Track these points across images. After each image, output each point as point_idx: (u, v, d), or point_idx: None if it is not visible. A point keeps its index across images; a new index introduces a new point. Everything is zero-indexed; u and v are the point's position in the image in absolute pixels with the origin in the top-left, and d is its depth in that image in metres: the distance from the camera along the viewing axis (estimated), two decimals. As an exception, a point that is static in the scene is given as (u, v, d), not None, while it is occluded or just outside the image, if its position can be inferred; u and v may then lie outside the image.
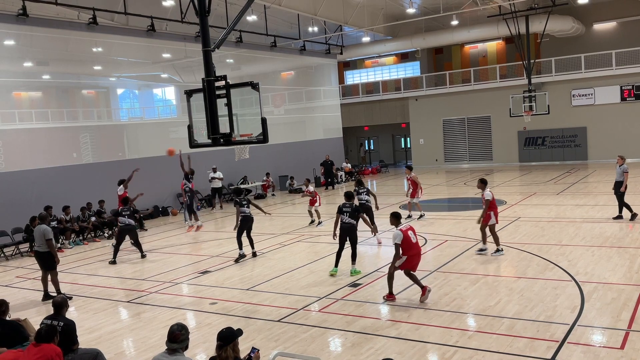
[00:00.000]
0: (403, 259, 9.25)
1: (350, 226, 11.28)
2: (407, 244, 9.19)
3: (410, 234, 9.28)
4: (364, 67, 40.13)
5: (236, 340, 5.03)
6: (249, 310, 9.61)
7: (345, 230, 11.31)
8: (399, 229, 9.24)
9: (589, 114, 30.61)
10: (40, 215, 11.92)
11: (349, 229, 11.29)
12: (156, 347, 7.92)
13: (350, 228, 11.28)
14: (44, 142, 19.52)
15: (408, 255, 9.25)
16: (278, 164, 28.62)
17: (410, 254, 9.26)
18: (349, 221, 11.28)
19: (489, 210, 12.01)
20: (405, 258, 9.27)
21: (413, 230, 9.43)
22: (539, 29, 28.94)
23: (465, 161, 34.65)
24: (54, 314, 6.82)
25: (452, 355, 7.15)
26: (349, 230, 11.29)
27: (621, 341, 7.20)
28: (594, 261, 11.09)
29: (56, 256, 11.10)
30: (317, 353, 7.49)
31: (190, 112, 9.34)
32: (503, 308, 8.74)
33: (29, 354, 5.73)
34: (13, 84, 20.04)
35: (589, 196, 19.49)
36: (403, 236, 9.13)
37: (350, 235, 11.30)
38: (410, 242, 9.21)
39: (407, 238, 9.17)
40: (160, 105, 28.24)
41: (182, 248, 15.89)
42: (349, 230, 11.29)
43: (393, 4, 29.10)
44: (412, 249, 9.28)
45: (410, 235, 9.25)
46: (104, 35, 20.85)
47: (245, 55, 27.34)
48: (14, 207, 17.59)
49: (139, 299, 10.86)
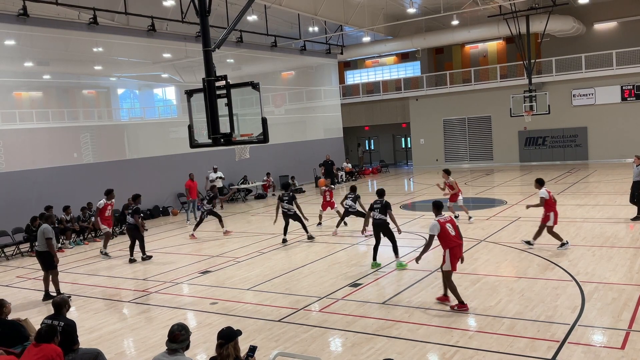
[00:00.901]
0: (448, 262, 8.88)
1: (382, 222, 11.58)
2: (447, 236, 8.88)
3: (449, 226, 8.92)
4: (365, 67, 40.12)
5: (237, 339, 5.03)
6: (249, 310, 9.61)
7: (378, 226, 11.66)
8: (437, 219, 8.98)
9: (590, 114, 30.60)
10: (44, 215, 11.96)
11: (381, 224, 11.60)
12: (156, 347, 7.92)
13: (382, 224, 11.59)
14: (45, 142, 19.52)
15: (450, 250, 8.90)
16: (278, 164, 28.62)
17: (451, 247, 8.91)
18: (379, 217, 11.59)
19: (548, 210, 11.92)
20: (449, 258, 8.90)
21: (453, 223, 9.04)
22: (540, 29, 28.91)
23: (466, 161, 34.63)
24: (55, 314, 6.82)
25: (452, 355, 7.15)
26: (381, 226, 11.61)
27: (622, 341, 7.20)
28: (595, 261, 11.08)
29: (55, 256, 11.10)
30: (318, 353, 7.48)
31: (190, 112, 9.34)
32: (503, 308, 8.74)
33: (29, 354, 5.73)
34: (14, 84, 20.05)
35: (589, 196, 19.48)
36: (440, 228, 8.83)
37: (384, 231, 11.63)
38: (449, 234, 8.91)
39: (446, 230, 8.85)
40: (161, 105, 28.24)
41: (182, 248, 15.89)
42: (382, 226, 11.61)
43: (393, 3, 29.09)
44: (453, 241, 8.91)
45: (448, 227, 8.91)
46: (104, 35, 20.86)
47: (245, 55, 27.34)
48: (15, 207, 17.61)
49: (139, 299, 10.86)
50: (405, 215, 18.32)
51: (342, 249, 14.01)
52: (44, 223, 11.38)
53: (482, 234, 14.47)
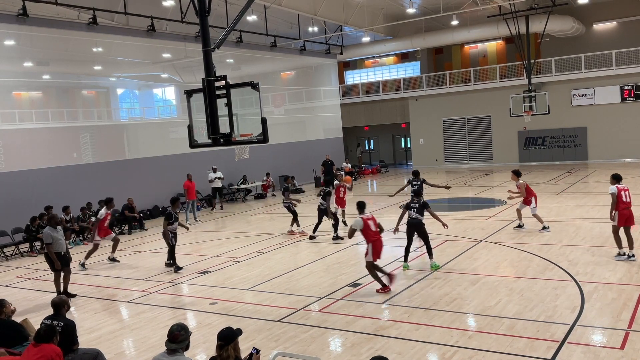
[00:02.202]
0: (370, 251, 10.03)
1: (418, 222, 11.44)
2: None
3: (371, 222, 10.09)
4: (364, 67, 40.12)
5: (237, 340, 5.03)
6: (249, 310, 9.61)
7: (413, 225, 11.48)
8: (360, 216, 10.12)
9: (589, 114, 30.60)
10: (48, 216, 11.99)
11: (417, 224, 11.44)
12: (156, 347, 7.92)
13: (418, 224, 11.44)
14: (44, 142, 19.51)
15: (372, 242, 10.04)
16: (278, 164, 28.62)
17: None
18: (416, 217, 11.45)
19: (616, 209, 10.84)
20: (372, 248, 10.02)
21: (374, 220, 10.20)
22: (539, 29, 28.92)
23: (466, 161, 34.63)
24: (54, 314, 6.82)
25: (452, 355, 7.15)
26: (416, 225, 11.44)
27: (621, 341, 7.20)
28: (594, 261, 11.08)
29: (55, 261, 11.06)
30: (317, 353, 7.48)
31: (190, 112, 9.34)
32: (503, 308, 8.74)
33: (28, 354, 5.72)
34: (13, 84, 20.05)
35: (589, 196, 19.49)
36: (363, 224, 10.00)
37: (419, 231, 11.47)
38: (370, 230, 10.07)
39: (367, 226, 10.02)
40: (160, 105, 28.24)
41: (182, 248, 15.86)
42: (417, 226, 11.45)
43: (393, 4, 29.09)
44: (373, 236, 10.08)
45: (370, 224, 10.06)
46: (104, 35, 20.85)
47: (245, 55, 27.34)
48: (14, 207, 17.60)
49: (139, 299, 10.86)
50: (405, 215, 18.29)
51: (342, 249, 14.01)
52: (47, 225, 11.44)
53: (481, 234, 14.47)
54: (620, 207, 10.83)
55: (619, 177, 11.08)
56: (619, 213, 10.84)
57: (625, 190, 10.90)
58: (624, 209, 10.85)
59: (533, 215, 14.53)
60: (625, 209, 10.86)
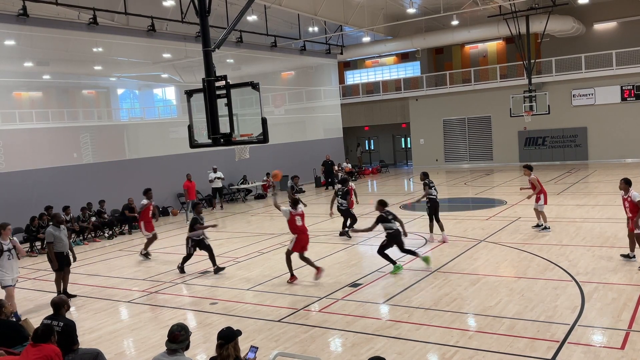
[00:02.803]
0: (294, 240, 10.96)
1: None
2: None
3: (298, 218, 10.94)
4: (364, 67, 40.12)
5: (237, 339, 5.03)
6: (249, 310, 9.61)
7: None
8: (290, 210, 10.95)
9: (590, 114, 30.60)
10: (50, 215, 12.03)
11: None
12: (156, 347, 7.92)
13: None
14: (45, 142, 19.51)
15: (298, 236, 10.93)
16: (278, 164, 28.53)
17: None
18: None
19: (635, 214, 10.53)
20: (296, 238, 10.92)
21: (302, 217, 11.08)
22: (540, 29, 28.92)
23: (466, 161, 34.63)
24: (54, 314, 6.82)
25: (452, 355, 7.15)
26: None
27: (621, 341, 7.20)
28: (595, 261, 11.08)
29: (53, 260, 11.09)
30: (318, 353, 7.48)
31: (190, 112, 9.34)
32: (503, 308, 8.74)
33: (27, 354, 5.71)
34: (13, 84, 20.05)
35: (589, 196, 19.48)
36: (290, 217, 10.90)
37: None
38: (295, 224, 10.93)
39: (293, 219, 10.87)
40: (161, 105, 28.25)
41: (182, 248, 15.84)
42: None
43: (393, 4, 29.10)
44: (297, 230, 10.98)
45: (297, 219, 10.92)
46: (104, 35, 20.86)
47: (245, 55, 27.34)
48: (15, 207, 17.60)
49: (139, 299, 10.86)
50: (405, 215, 18.30)
51: (342, 249, 14.01)
52: (51, 224, 11.47)
53: (482, 234, 14.47)
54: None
55: (631, 182, 10.82)
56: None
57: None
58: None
59: (537, 211, 14.38)
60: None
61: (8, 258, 9.68)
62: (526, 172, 14.79)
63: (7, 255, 9.67)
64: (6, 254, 9.65)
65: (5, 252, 9.64)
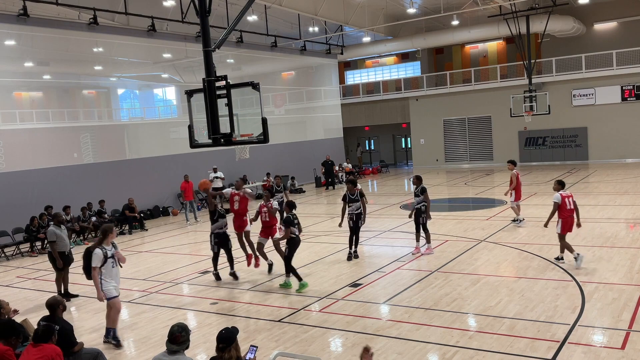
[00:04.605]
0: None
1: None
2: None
3: (264, 210, 11.95)
4: (365, 67, 40.12)
5: (236, 339, 5.02)
6: (249, 310, 9.61)
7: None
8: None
9: (590, 114, 30.59)
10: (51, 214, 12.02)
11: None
12: (156, 347, 7.92)
13: None
14: (45, 142, 19.53)
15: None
16: (278, 164, 28.61)
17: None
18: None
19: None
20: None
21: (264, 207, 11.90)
22: (540, 29, 28.91)
23: (466, 161, 34.62)
24: (49, 315, 6.81)
25: (452, 355, 7.14)
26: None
27: (622, 341, 7.19)
28: (595, 261, 11.07)
29: (58, 259, 11.12)
30: (318, 353, 7.48)
31: (190, 112, 9.33)
32: (504, 308, 8.73)
33: (28, 354, 5.71)
34: (14, 84, 20.06)
35: (589, 196, 19.48)
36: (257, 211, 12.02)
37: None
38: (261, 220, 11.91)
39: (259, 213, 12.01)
40: (161, 105, 28.26)
41: (182, 248, 15.89)
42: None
43: (394, 4, 29.10)
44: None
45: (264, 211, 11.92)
46: (104, 35, 20.85)
47: (245, 55, 27.34)
48: (15, 207, 17.61)
49: (139, 299, 10.86)
50: (405, 215, 18.29)
51: (342, 249, 13.99)
52: (52, 223, 11.49)
53: (482, 234, 14.47)
54: (565, 214, 10.81)
55: (564, 183, 11.12)
56: (563, 221, 10.81)
57: (569, 197, 10.90)
58: (568, 217, 10.84)
59: (512, 207, 15.34)
60: (569, 217, 10.86)
61: (112, 266, 8.38)
62: (509, 166, 15.58)
63: (112, 263, 8.38)
64: (110, 261, 8.36)
65: (110, 258, 8.35)
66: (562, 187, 10.98)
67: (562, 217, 10.80)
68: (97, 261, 8.20)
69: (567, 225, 10.85)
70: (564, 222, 10.81)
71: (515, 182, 15.03)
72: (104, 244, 8.36)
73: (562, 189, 10.96)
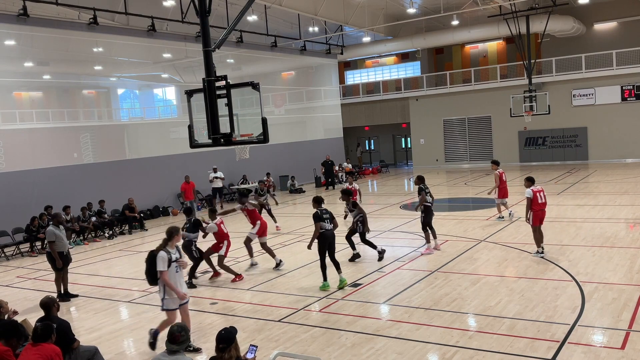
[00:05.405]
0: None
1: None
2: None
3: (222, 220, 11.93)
4: (365, 67, 40.12)
5: (236, 339, 5.03)
6: (249, 310, 9.61)
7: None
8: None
9: (590, 114, 30.59)
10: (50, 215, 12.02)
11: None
12: (156, 347, 7.92)
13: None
14: (45, 142, 19.53)
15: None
16: (278, 164, 28.62)
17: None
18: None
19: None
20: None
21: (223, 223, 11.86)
22: (540, 29, 28.92)
23: (466, 161, 34.63)
24: (45, 315, 6.81)
25: (452, 355, 7.15)
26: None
27: (622, 341, 7.19)
28: (595, 261, 11.08)
29: (57, 260, 11.12)
30: (318, 353, 7.48)
31: (190, 112, 9.34)
32: (504, 308, 8.73)
33: (27, 353, 5.70)
34: (14, 84, 20.06)
35: (589, 196, 19.48)
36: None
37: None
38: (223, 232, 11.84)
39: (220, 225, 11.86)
40: (161, 105, 28.26)
41: (182, 248, 15.84)
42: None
43: (393, 4, 29.10)
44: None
45: (222, 227, 11.85)
46: (104, 35, 20.85)
47: (245, 55, 27.34)
48: (15, 207, 17.61)
49: (139, 299, 10.86)
50: (405, 215, 18.32)
51: (342, 249, 13.98)
52: (51, 223, 11.49)
53: (482, 234, 14.47)
54: (536, 208, 11.57)
55: (533, 179, 11.87)
56: (534, 214, 11.55)
57: (540, 191, 11.70)
58: (538, 210, 11.61)
59: (497, 204, 16.02)
60: (540, 210, 11.64)
61: (176, 270, 7.73)
62: (493, 167, 16.65)
63: (176, 267, 7.72)
64: (174, 265, 7.70)
65: (174, 262, 7.68)
66: (532, 184, 11.78)
67: (534, 210, 11.55)
68: (163, 265, 7.57)
69: (537, 218, 11.60)
70: (535, 215, 11.57)
71: (498, 182, 15.87)
72: (168, 246, 7.78)
73: (532, 185, 11.75)
